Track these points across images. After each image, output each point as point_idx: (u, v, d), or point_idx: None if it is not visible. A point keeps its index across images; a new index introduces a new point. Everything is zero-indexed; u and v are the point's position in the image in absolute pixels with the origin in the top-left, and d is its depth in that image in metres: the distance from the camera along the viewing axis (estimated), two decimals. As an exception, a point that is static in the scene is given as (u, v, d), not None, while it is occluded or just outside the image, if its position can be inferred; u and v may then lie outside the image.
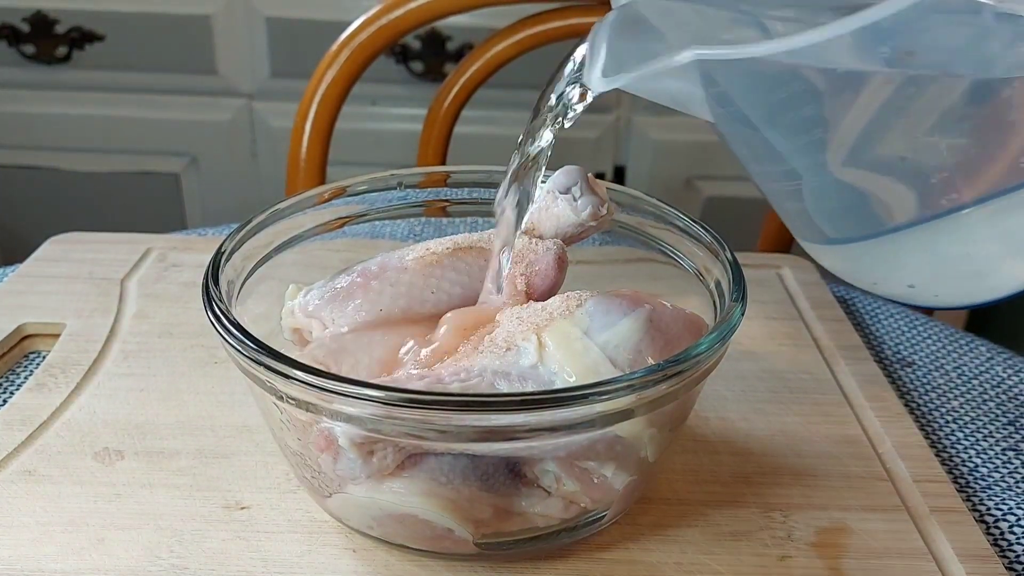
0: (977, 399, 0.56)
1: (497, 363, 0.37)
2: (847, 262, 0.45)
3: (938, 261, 0.41)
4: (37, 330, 0.56)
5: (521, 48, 0.85)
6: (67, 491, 0.43)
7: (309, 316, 0.42)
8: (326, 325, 0.42)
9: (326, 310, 0.42)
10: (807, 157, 0.40)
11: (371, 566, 0.40)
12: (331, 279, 0.44)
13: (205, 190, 1.35)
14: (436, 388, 0.36)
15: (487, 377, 0.36)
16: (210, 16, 1.24)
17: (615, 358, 0.37)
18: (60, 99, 1.29)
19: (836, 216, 0.43)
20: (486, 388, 0.36)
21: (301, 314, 0.43)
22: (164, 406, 0.49)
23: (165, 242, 0.66)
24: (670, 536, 0.42)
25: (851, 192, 0.42)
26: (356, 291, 0.42)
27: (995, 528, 0.46)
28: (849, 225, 0.43)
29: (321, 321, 0.42)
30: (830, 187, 0.42)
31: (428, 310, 0.43)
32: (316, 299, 0.43)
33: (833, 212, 0.43)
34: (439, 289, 0.43)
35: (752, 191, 1.37)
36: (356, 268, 0.44)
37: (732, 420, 0.50)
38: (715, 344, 0.37)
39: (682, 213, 0.46)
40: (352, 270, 0.44)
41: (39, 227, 1.02)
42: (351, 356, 0.40)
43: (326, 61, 0.83)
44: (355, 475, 0.36)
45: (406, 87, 1.27)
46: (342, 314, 0.42)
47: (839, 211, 0.43)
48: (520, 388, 0.36)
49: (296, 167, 0.85)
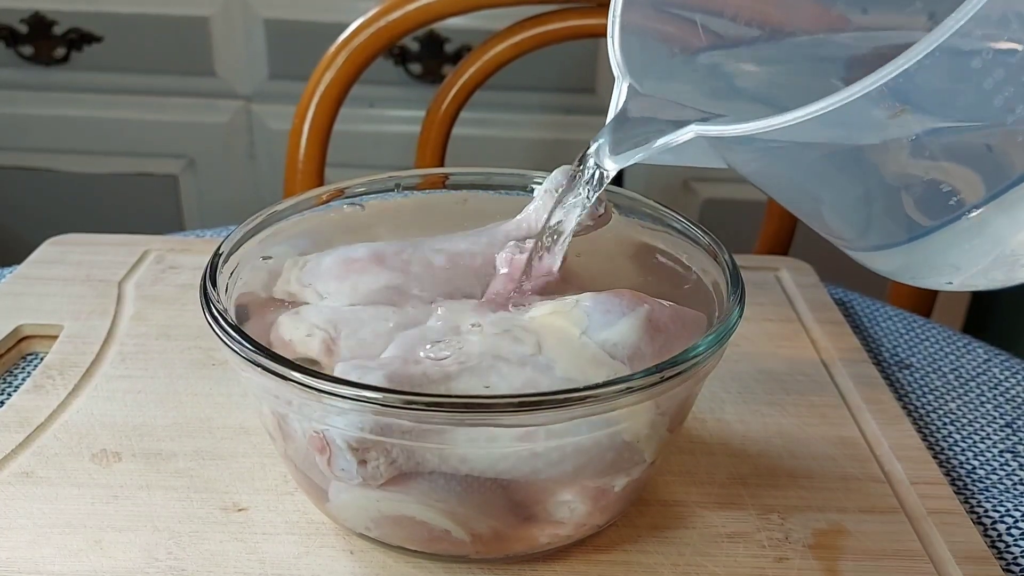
0: (975, 401, 0.56)
1: (497, 349, 0.37)
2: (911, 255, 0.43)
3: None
4: (35, 332, 0.56)
5: (519, 50, 0.85)
6: (65, 493, 0.43)
7: (304, 286, 0.43)
8: (322, 296, 0.43)
9: (322, 283, 0.43)
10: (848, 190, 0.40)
11: (368, 567, 0.40)
12: (328, 253, 0.44)
13: (203, 192, 1.35)
14: (434, 370, 0.36)
15: (487, 360, 0.36)
16: (208, 18, 1.24)
17: (614, 357, 0.37)
18: (58, 100, 1.29)
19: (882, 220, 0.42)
20: (485, 369, 0.36)
21: (297, 283, 0.43)
22: (162, 408, 0.49)
23: (163, 244, 0.66)
24: (667, 538, 0.42)
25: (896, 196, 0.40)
26: (354, 267, 0.43)
27: (992, 530, 0.46)
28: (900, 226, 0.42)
29: (316, 291, 0.43)
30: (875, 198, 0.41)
31: (424, 289, 0.43)
32: (313, 270, 0.43)
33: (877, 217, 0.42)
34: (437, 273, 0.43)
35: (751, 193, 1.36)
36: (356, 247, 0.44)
37: (729, 422, 0.50)
38: (713, 346, 0.37)
39: (680, 215, 0.46)
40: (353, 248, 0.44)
41: (37, 229, 1.02)
42: (348, 326, 0.41)
43: (324, 63, 0.83)
44: (351, 477, 0.36)
45: (404, 89, 1.27)
46: (339, 288, 0.43)
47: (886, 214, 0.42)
48: (519, 371, 0.36)
49: (294, 169, 0.85)
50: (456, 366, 0.36)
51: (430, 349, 0.38)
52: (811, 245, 0.99)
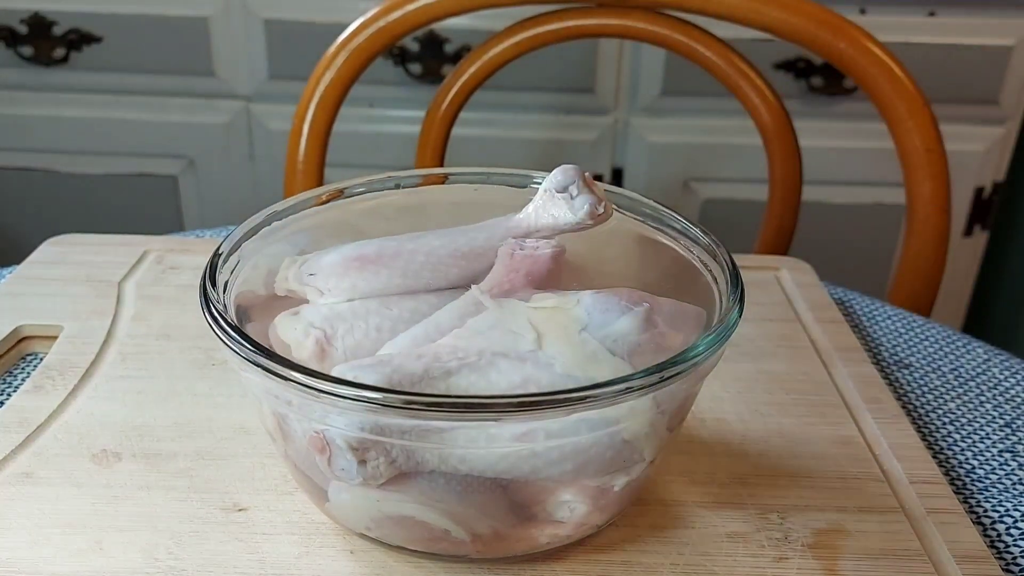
0: (974, 401, 0.56)
1: (497, 346, 0.37)
2: None
3: None
4: (34, 332, 0.56)
5: (519, 50, 0.85)
6: (65, 493, 0.43)
7: (304, 284, 0.43)
8: (322, 292, 0.43)
9: (321, 280, 0.43)
10: None
11: (369, 567, 0.40)
12: (328, 251, 0.44)
13: (203, 192, 1.35)
14: (434, 367, 0.36)
15: (486, 357, 0.36)
16: (208, 18, 1.24)
17: (614, 354, 0.37)
18: (58, 101, 1.29)
19: None
20: (485, 366, 0.36)
21: (296, 281, 0.43)
22: (162, 408, 0.49)
23: (163, 244, 0.66)
24: (667, 538, 0.42)
25: None
26: (353, 264, 0.43)
27: (992, 530, 0.46)
28: None
29: (317, 288, 0.43)
30: None
31: (423, 286, 0.43)
32: (312, 268, 0.43)
33: None
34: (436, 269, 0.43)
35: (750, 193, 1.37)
36: (355, 245, 0.44)
37: (729, 422, 0.50)
38: (712, 346, 0.37)
39: (680, 215, 0.47)
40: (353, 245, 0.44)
41: (36, 229, 1.02)
42: (344, 324, 0.41)
43: (324, 63, 0.83)
44: (351, 477, 0.36)
45: (404, 89, 1.27)
46: (338, 285, 0.43)
47: None
48: (520, 367, 0.36)
49: (294, 169, 0.85)
50: (456, 362, 0.36)
51: (430, 346, 0.38)
52: (811, 245, 0.99)
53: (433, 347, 0.38)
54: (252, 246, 0.44)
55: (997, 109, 1.27)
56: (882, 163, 1.24)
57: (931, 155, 0.78)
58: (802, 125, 0.90)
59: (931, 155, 0.78)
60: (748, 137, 0.90)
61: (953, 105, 1.23)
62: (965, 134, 1.27)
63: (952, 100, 1.23)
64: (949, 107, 1.21)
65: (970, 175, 1.30)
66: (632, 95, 1.26)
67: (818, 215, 1.27)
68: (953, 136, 0.96)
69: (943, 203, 0.80)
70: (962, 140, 1.26)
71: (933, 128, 0.78)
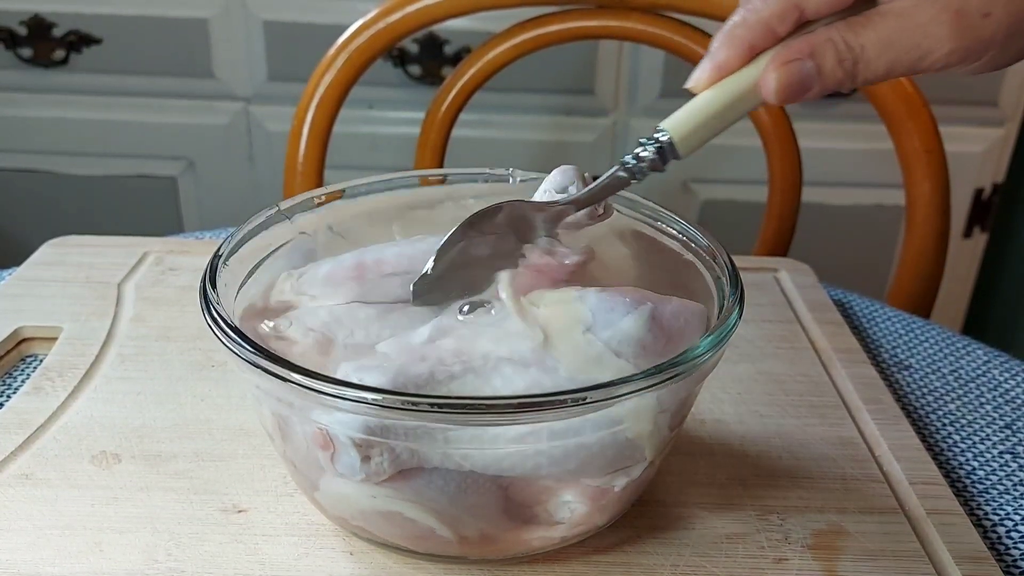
0: (974, 402, 0.56)
1: (502, 350, 0.37)
2: None
3: None
4: (34, 333, 0.56)
5: (518, 52, 0.85)
6: (64, 495, 0.43)
7: (299, 294, 0.43)
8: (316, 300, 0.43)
9: (317, 289, 0.43)
10: None
11: (368, 569, 0.40)
12: (324, 262, 0.44)
13: (202, 194, 1.35)
14: (439, 370, 0.36)
15: (491, 361, 0.36)
16: (207, 20, 1.24)
17: (618, 355, 0.37)
18: (57, 102, 1.29)
19: None
20: (490, 371, 0.36)
21: (292, 293, 0.43)
22: (161, 409, 0.49)
23: (162, 246, 0.66)
24: (666, 539, 0.42)
25: None
26: (350, 274, 0.43)
27: (992, 532, 0.46)
28: None
29: (312, 299, 0.43)
30: None
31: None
32: (310, 280, 0.43)
33: None
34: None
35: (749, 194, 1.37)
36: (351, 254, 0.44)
37: (728, 423, 0.50)
38: (713, 347, 0.37)
39: (679, 217, 0.47)
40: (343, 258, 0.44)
41: (36, 230, 1.02)
42: (343, 327, 0.41)
43: (323, 65, 0.83)
44: (354, 473, 0.36)
45: (404, 91, 1.27)
46: (334, 295, 0.42)
47: None
48: (523, 372, 0.36)
49: (293, 171, 0.85)
50: (460, 367, 0.36)
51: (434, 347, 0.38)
52: (811, 246, 0.99)
53: (437, 349, 0.37)
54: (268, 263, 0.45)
55: (996, 110, 1.27)
56: (881, 164, 1.24)
57: (930, 156, 0.78)
58: (802, 126, 0.90)
59: (930, 156, 0.78)
60: (747, 138, 0.90)
61: (952, 106, 1.23)
62: (964, 135, 1.27)
63: (951, 101, 1.23)
64: (948, 108, 1.21)
65: (969, 176, 1.30)
66: (631, 96, 1.26)
67: (818, 216, 1.27)
68: (952, 137, 0.96)
69: (942, 204, 0.80)
70: (961, 141, 1.26)
71: (932, 129, 0.78)
